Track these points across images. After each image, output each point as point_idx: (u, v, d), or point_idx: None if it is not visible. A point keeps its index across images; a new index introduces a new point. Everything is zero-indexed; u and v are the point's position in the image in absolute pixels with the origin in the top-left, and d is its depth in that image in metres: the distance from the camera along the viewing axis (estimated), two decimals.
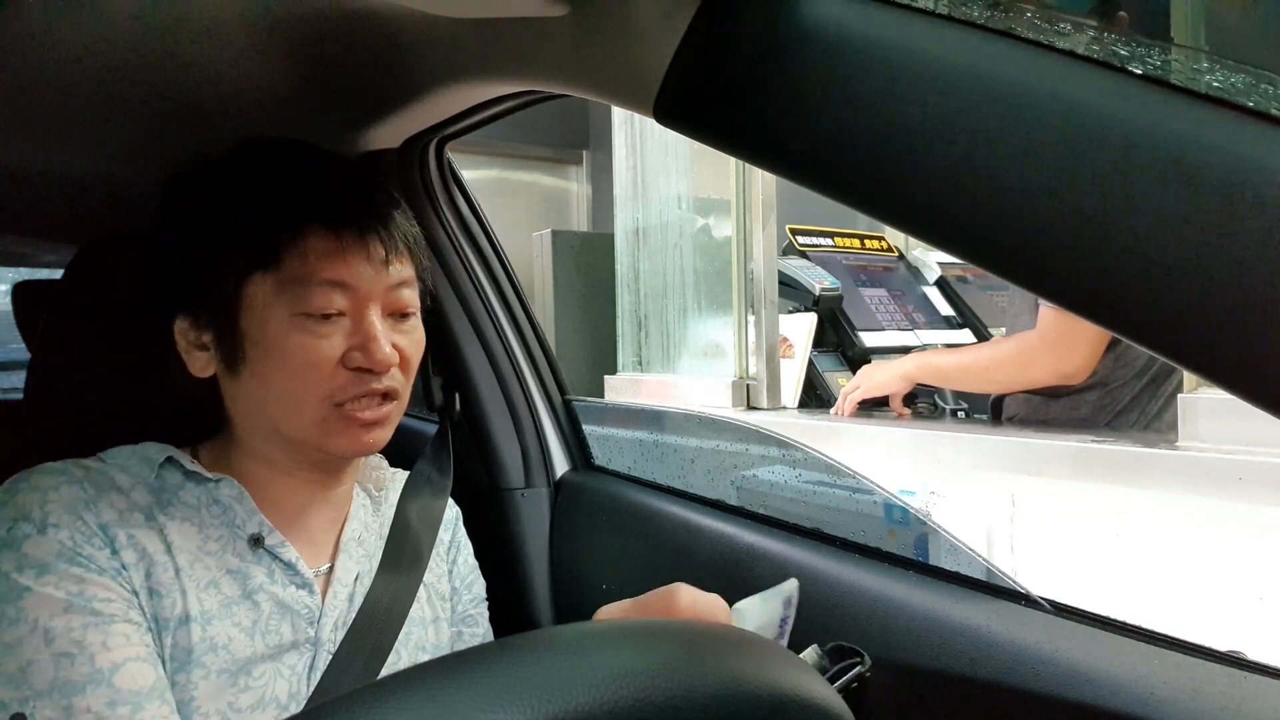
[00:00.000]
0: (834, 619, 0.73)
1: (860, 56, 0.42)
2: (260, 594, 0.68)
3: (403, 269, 0.72)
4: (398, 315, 0.72)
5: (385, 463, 0.88)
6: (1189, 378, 1.29)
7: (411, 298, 0.73)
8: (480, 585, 0.93)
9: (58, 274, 0.95)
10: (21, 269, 2.22)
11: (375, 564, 0.78)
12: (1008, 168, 0.37)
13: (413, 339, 0.74)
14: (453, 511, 0.92)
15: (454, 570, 0.89)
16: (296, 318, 0.66)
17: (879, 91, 0.41)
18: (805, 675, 0.42)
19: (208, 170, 0.73)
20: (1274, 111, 0.32)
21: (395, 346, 0.70)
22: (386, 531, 0.82)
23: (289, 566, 0.71)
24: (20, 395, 0.93)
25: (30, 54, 0.77)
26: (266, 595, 0.69)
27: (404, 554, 0.79)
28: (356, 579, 0.76)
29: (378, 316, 0.69)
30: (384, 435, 0.71)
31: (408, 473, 0.89)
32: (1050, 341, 1.47)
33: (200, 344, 0.71)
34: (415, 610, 0.79)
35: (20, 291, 1.75)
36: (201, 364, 0.71)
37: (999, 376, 1.60)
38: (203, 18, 0.73)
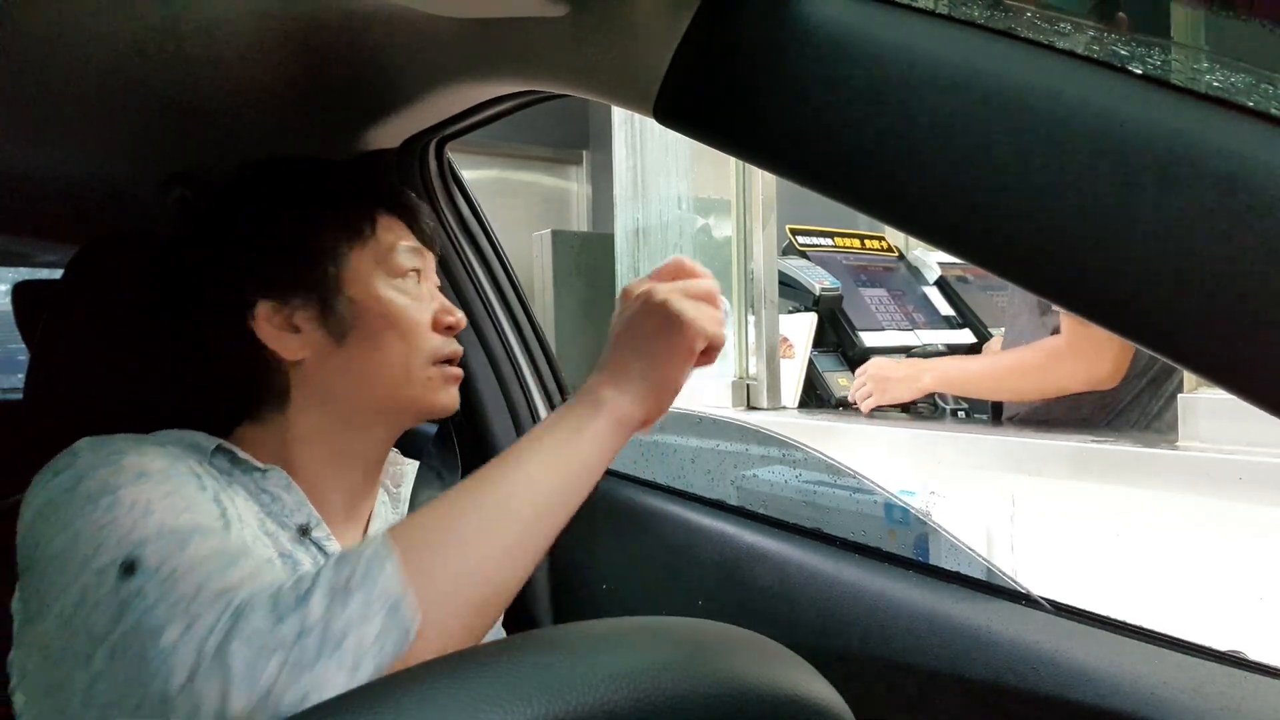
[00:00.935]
0: (834, 619, 0.73)
1: (860, 57, 0.42)
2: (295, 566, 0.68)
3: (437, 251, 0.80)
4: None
5: (399, 455, 0.88)
6: (1189, 378, 1.29)
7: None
8: None
9: (58, 274, 0.95)
10: (21, 269, 2.22)
11: None
12: (1008, 168, 0.37)
13: None
14: None
15: None
16: (395, 282, 0.73)
17: (879, 91, 0.41)
18: (805, 675, 0.42)
19: (267, 170, 0.77)
20: (1274, 111, 0.32)
21: None
22: None
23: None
24: (20, 395, 0.93)
25: (30, 54, 0.77)
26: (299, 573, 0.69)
27: None
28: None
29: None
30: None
31: (417, 463, 0.90)
32: (1078, 349, 1.45)
33: (292, 326, 0.71)
34: None
35: (20, 291, 1.75)
36: (295, 346, 0.71)
37: (1026, 385, 1.56)
38: (203, 18, 0.73)
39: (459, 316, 0.75)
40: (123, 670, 0.47)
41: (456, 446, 0.96)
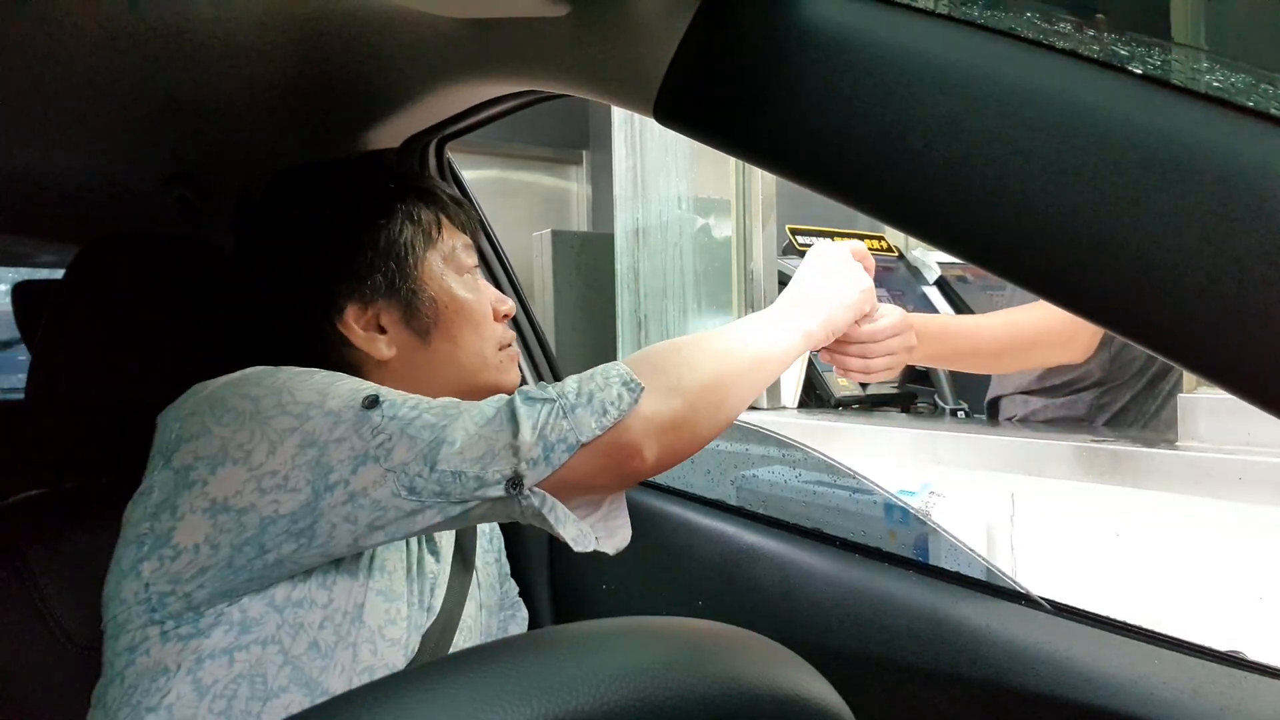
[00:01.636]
0: (834, 619, 0.73)
1: (860, 57, 0.42)
2: (412, 541, 0.72)
3: None
4: None
5: None
6: (1189, 377, 1.29)
7: None
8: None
9: (58, 274, 0.95)
10: (21, 269, 2.22)
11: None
12: (1008, 167, 0.37)
13: None
14: None
15: (500, 560, 0.93)
16: (462, 279, 0.77)
17: (879, 91, 0.41)
18: (805, 675, 0.42)
19: (325, 173, 0.79)
20: (1274, 111, 0.32)
21: None
22: None
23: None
24: (20, 395, 0.93)
25: (31, 54, 0.77)
26: (412, 548, 0.72)
27: (460, 542, 0.82)
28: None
29: None
30: None
31: None
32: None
33: (378, 327, 0.74)
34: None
35: (20, 291, 1.75)
36: (384, 346, 0.74)
37: (1007, 358, 1.53)
38: (204, 18, 0.73)
39: (510, 304, 0.80)
40: (377, 472, 0.57)
41: None
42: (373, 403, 0.59)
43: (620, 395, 0.58)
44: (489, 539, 0.91)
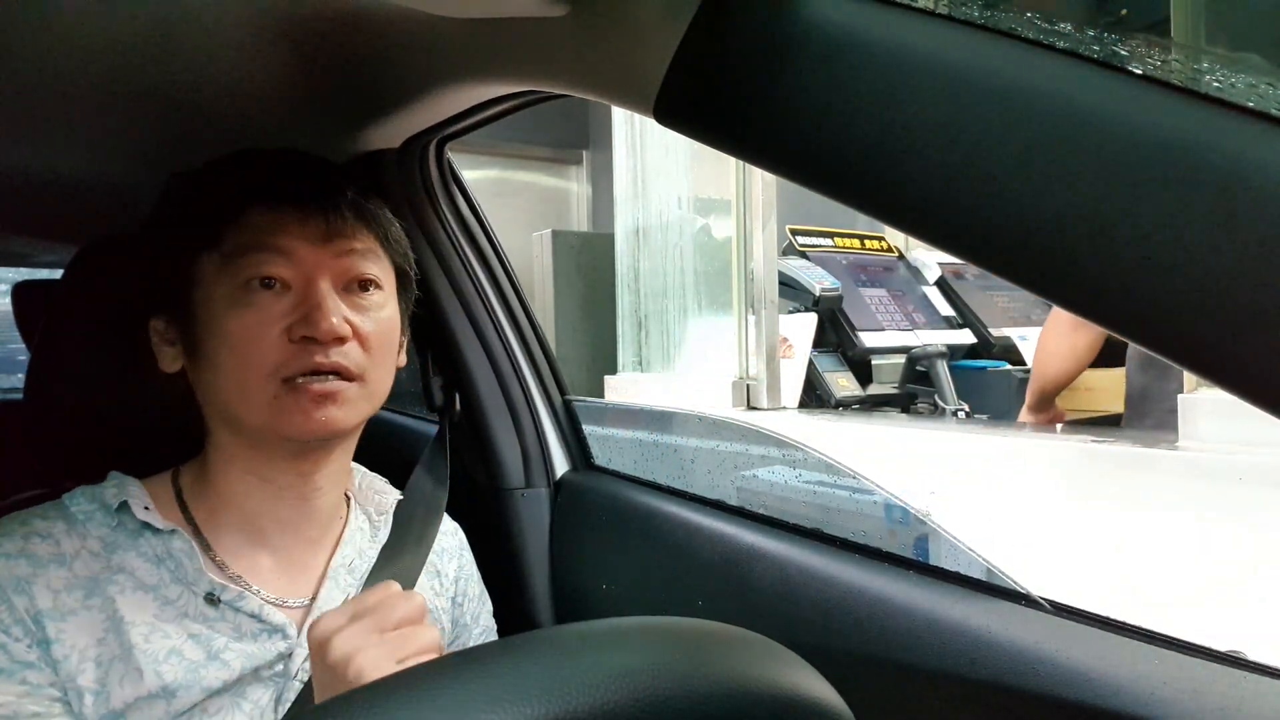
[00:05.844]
0: (834, 619, 0.73)
1: (860, 57, 0.42)
2: (228, 653, 0.65)
3: (352, 241, 0.69)
4: (355, 287, 0.69)
5: (388, 486, 0.85)
6: (1189, 377, 1.29)
7: (367, 266, 0.70)
8: (488, 613, 0.92)
9: (58, 274, 0.95)
10: (21, 269, 2.22)
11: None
12: (1008, 168, 0.37)
13: (376, 316, 0.70)
14: (455, 540, 0.90)
15: (462, 604, 0.87)
16: (238, 291, 0.65)
17: (879, 92, 0.41)
18: (805, 675, 0.42)
19: (178, 179, 0.75)
20: (1274, 111, 0.32)
21: (350, 322, 0.67)
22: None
23: (254, 617, 0.67)
24: (20, 395, 0.93)
25: (30, 53, 0.77)
26: (235, 653, 0.65)
27: (391, 575, 0.76)
28: (345, 602, 0.73)
29: (328, 287, 0.66)
30: (339, 415, 0.66)
31: (399, 494, 0.86)
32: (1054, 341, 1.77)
33: (168, 338, 0.70)
34: None
35: (20, 291, 1.76)
36: (170, 358, 0.70)
37: (1050, 372, 1.87)
38: (203, 18, 0.73)
39: (326, 325, 0.64)
40: None
41: (449, 455, 0.96)
42: None
43: None
44: (453, 578, 0.86)
